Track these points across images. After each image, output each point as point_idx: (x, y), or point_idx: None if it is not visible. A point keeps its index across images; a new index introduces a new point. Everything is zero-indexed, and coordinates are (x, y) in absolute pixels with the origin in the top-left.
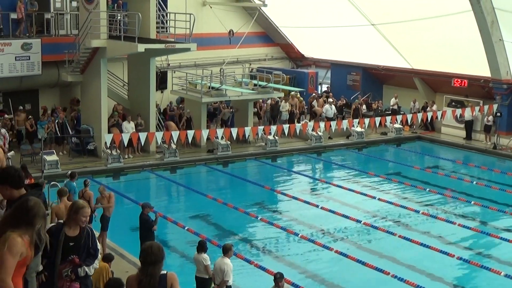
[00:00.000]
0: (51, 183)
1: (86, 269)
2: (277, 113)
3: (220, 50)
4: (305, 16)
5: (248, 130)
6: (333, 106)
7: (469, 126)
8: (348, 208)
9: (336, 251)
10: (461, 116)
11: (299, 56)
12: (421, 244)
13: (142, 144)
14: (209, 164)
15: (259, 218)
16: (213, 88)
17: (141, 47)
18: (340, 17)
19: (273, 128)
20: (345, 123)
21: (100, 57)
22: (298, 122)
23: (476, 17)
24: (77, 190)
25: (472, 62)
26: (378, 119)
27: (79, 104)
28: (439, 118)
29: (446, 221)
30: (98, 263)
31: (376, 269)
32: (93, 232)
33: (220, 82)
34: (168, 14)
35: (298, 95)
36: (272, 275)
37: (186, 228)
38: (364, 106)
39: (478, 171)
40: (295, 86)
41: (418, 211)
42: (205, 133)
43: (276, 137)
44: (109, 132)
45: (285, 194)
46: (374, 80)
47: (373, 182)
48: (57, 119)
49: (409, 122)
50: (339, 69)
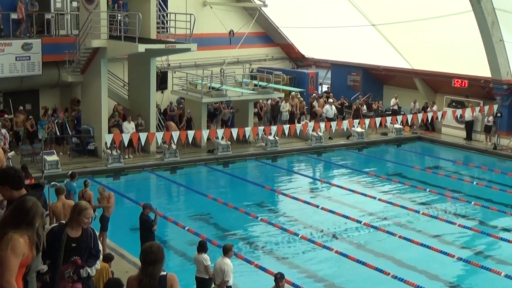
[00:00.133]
0: (52, 183)
1: (88, 270)
2: (278, 114)
3: (220, 50)
4: (305, 16)
5: (248, 130)
6: (334, 107)
7: (469, 126)
8: (348, 208)
9: (336, 251)
10: (461, 116)
11: (300, 56)
12: (421, 244)
13: (143, 144)
14: (210, 164)
15: (259, 218)
16: (213, 88)
17: (142, 47)
18: (341, 17)
19: (274, 128)
20: (345, 124)
21: (100, 57)
22: (299, 122)
23: (476, 18)
24: (77, 190)
25: (472, 62)
26: (378, 120)
27: (80, 104)
28: (439, 118)
29: (446, 221)
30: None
31: (376, 269)
32: (95, 233)
33: (221, 83)
34: (169, 14)
35: (299, 96)
36: (272, 275)
37: (186, 228)
38: (364, 107)
39: (478, 171)
40: (295, 87)
41: (418, 211)
42: (205, 133)
43: (277, 138)
44: (110, 132)
45: (285, 195)
46: (375, 81)
47: (373, 183)
48: (57, 119)
49: (409, 122)
50: (340, 70)
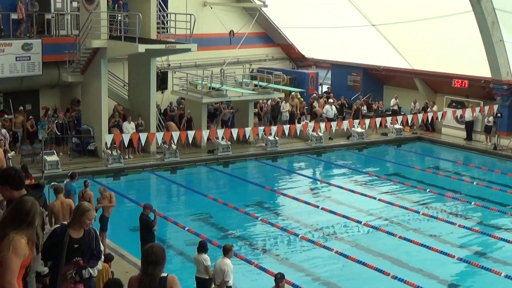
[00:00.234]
0: (52, 183)
1: (91, 270)
2: (278, 114)
3: (220, 50)
4: (305, 16)
5: (248, 130)
6: (334, 107)
7: (469, 126)
8: (348, 208)
9: (336, 251)
10: (461, 116)
11: (300, 56)
12: (421, 244)
13: (143, 145)
14: (210, 165)
15: (260, 218)
16: (213, 88)
17: (142, 48)
18: (341, 17)
19: (274, 128)
20: (345, 124)
21: (100, 57)
22: (299, 122)
23: (476, 18)
24: (77, 190)
25: (472, 62)
26: (378, 120)
27: (80, 105)
28: (439, 118)
29: (446, 221)
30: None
31: (376, 269)
32: (97, 233)
33: (221, 83)
34: (169, 15)
35: (299, 96)
36: (272, 276)
37: (186, 228)
38: (364, 107)
39: (478, 171)
40: (295, 87)
41: (418, 212)
42: (205, 133)
43: (277, 138)
44: (110, 132)
45: (285, 195)
46: (375, 81)
47: (374, 183)
48: (57, 120)
49: (409, 122)
50: (340, 70)
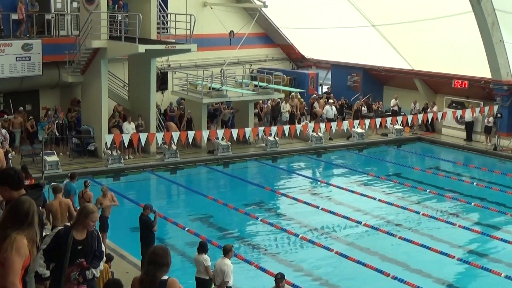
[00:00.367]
0: (52, 183)
1: (94, 271)
2: (278, 114)
3: (220, 51)
4: (305, 17)
5: (248, 131)
6: (334, 107)
7: (469, 127)
8: (348, 208)
9: (336, 252)
10: (461, 117)
11: (300, 57)
12: (421, 245)
13: (143, 145)
14: (210, 165)
15: (260, 219)
16: (213, 89)
17: (142, 48)
18: (341, 18)
19: (274, 129)
20: (345, 124)
21: (100, 57)
22: (299, 123)
23: (476, 18)
24: (77, 191)
25: (472, 63)
26: (378, 120)
27: (80, 105)
28: (439, 119)
29: (447, 222)
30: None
31: (376, 269)
32: (99, 234)
33: (221, 83)
34: (169, 15)
35: (299, 96)
36: (272, 276)
37: (186, 229)
38: (364, 107)
39: (478, 172)
40: (295, 87)
41: (418, 212)
42: (205, 134)
43: (277, 138)
44: (110, 132)
45: (285, 195)
46: (375, 81)
47: (374, 183)
48: (58, 120)
49: (409, 123)
50: (340, 70)
